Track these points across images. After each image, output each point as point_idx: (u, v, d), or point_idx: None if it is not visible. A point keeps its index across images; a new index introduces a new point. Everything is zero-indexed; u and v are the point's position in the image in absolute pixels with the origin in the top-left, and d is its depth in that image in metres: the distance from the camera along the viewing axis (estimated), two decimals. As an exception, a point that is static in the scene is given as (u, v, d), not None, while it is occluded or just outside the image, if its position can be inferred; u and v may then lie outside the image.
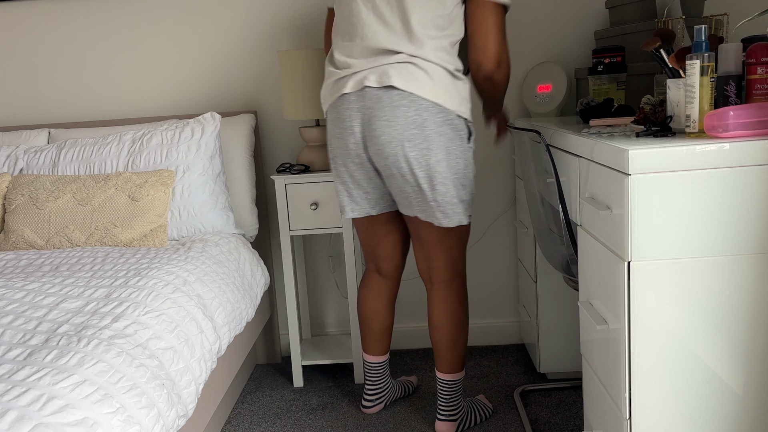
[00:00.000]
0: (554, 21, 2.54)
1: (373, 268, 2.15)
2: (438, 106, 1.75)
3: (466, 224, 1.91)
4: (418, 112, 1.74)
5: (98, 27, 2.64)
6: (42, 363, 1.29)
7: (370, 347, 2.19)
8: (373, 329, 2.17)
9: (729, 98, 1.34)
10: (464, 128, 1.82)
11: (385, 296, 2.16)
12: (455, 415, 2.06)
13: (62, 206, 2.20)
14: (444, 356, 2.02)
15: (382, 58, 1.77)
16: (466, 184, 1.84)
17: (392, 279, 2.15)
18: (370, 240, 2.09)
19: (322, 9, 2.58)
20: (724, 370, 1.28)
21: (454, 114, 1.78)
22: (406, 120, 1.74)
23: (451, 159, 1.79)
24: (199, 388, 1.62)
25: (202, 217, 2.28)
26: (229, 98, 2.66)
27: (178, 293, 1.75)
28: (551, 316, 2.29)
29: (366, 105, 1.78)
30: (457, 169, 1.81)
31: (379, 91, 1.75)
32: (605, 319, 1.42)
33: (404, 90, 1.73)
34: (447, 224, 1.83)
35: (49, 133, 2.59)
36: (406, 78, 1.73)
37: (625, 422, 1.33)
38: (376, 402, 2.22)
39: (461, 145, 1.81)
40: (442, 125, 1.76)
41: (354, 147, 1.83)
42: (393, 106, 1.74)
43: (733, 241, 1.24)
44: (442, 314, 1.99)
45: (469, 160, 1.85)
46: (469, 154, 1.85)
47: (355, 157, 1.85)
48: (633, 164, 1.21)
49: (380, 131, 1.76)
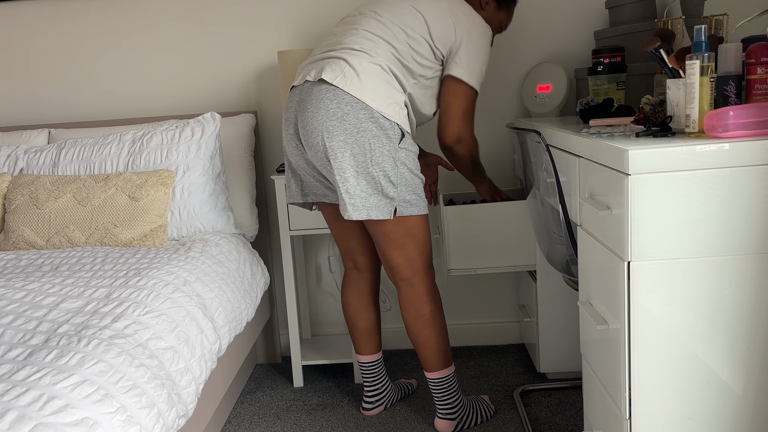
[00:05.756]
0: (554, 21, 2.54)
1: (351, 266, 2.17)
2: (361, 102, 1.79)
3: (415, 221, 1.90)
4: (340, 105, 1.79)
5: (98, 27, 2.64)
6: (42, 363, 1.29)
7: (360, 347, 2.20)
8: (360, 328, 2.18)
9: (729, 98, 1.34)
10: (393, 129, 1.82)
11: (365, 293, 2.18)
12: (453, 413, 2.06)
13: (62, 206, 2.20)
14: (421, 354, 2.03)
15: (333, 51, 1.87)
16: (397, 182, 1.84)
17: (370, 273, 2.17)
18: (341, 234, 2.11)
19: (322, 9, 2.58)
20: (723, 370, 1.28)
21: (380, 114, 1.80)
22: (327, 111, 1.79)
23: (372, 155, 1.79)
24: (199, 388, 1.62)
25: (202, 217, 2.28)
26: (229, 98, 2.66)
27: (178, 293, 1.75)
28: (551, 316, 2.29)
29: (301, 98, 1.87)
30: (382, 166, 1.80)
31: (313, 85, 1.84)
32: (605, 319, 1.42)
33: (331, 83, 1.81)
34: (356, 217, 1.81)
35: (49, 133, 2.59)
36: (335, 72, 1.81)
37: (625, 422, 1.33)
38: (377, 404, 2.22)
39: (388, 144, 1.81)
40: (366, 122, 1.79)
41: (292, 136, 1.92)
42: (318, 99, 1.81)
43: (733, 241, 1.24)
44: (407, 314, 2.00)
45: (402, 159, 1.84)
46: (402, 154, 1.84)
47: (294, 148, 1.93)
48: (633, 164, 1.21)
49: (306, 122, 1.84)
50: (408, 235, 1.92)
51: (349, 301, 2.18)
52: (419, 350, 2.02)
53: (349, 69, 1.81)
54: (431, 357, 2.01)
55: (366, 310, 2.18)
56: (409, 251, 1.94)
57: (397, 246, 1.93)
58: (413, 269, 1.96)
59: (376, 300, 2.21)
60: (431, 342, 2.00)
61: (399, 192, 1.85)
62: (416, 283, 1.97)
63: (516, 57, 2.58)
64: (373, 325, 2.19)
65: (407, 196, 1.87)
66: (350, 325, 2.20)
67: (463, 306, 2.76)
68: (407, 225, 1.91)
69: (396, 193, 1.84)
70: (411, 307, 1.99)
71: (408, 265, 1.96)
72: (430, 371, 2.03)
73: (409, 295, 1.98)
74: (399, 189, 1.85)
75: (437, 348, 2.01)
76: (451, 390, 2.05)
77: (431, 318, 1.99)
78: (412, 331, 2.01)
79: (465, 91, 1.93)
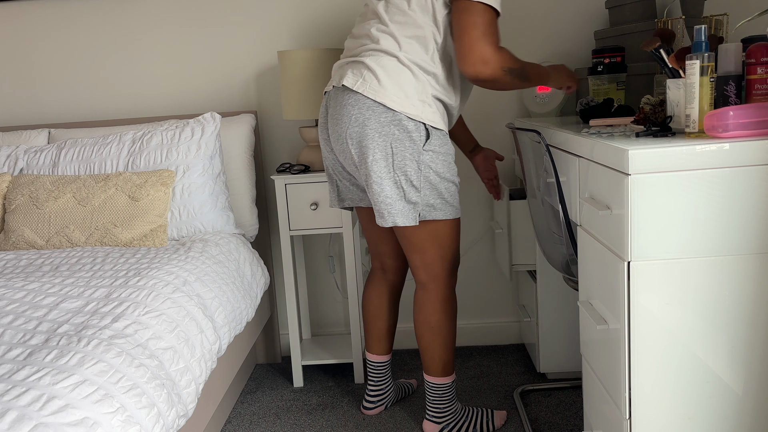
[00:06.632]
0: (554, 21, 2.54)
1: (378, 266, 2.16)
2: (382, 106, 1.76)
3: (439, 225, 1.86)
4: (361, 111, 1.77)
5: (98, 27, 2.64)
6: (42, 363, 1.29)
7: (373, 346, 2.20)
8: (377, 328, 2.18)
9: (729, 98, 1.34)
10: (418, 130, 1.78)
11: (387, 295, 2.17)
12: (441, 417, 2.03)
13: (62, 206, 2.20)
14: (423, 357, 2.02)
15: (353, 55, 1.85)
16: (420, 186, 1.80)
17: (395, 276, 2.16)
18: (374, 236, 2.11)
19: (321, 9, 2.58)
20: (723, 370, 1.28)
21: (403, 115, 1.76)
22: (349, 118, 1.79)
23: (394, 160, 1.77)
24: (199, 388, 1.62)
25: (202, 217, 2.28)
26: (229, 98, 2.66)
27: (178, 293, 1.75)
28: (551, 316, 2.29)
29: (329, 104, 1.87)
30: (405, 170, 1.77)
31: (337, 91, 1.84)
32: (605, 319, 1.42)
33: (351, 89, 1.79)
34: (382, 224, 1.82)
35: (49, 133, 2.59)
36: (356, 77, 1.79)
37: (625, 422, 1.33)
38: (378, 404, 2.22)
39: (411, 147, 1.77)
40: (387, 125, 1.76)
41: (326, 141, 1.93)
42: (341, 105, 1.81)
43: (733, 241, 1.24)
44: (416, 316, 1.99)
45: (427, 162, 1.79)
46: (427, 157, 1.79)
47: (329, 152, 1.94)
48: (633, 164, 1.21)
49: (332, 129, 1.85)
50: (429, 239, 1.89)
51: (371, 300, 2.18)
52: (421, 352, 2.02)
53: (368, 72, 1.78)
54: (431, 362, 2.00)
55: (385, 311, 2.17)
56: (428, 255, 1.91)
57: (416, 249, 1.91)
58: (430, 274, 1.94)
59: (396, 302, 2.20)
60: (433, 349, 1.98)
61: (422, 196, 1.81)
62: (431, 289, 1.95)
63: (516, 57, 2.58)
64: (389, 326, 2.19)
65: (431, 200, 1.82)
66: (367, 322, 2.20)
67: (463, 306, 2.76)
68: (429, 229, 1.88)
69: (419, 197, 1.81)
70: (420, 311, 1.98)
71: (425, 269, 1.93)
72: (428, 374, 2.02)
73: (422, 299, 1.97)
74: (422, 193, 1.81)
75: (439, 356, 1.99)
76: (445, 397, 2.03)
77: (438, 327, 1.97)
78: (417, 334, 2.00)
79: (481, 9, 1.68)
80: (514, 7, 2.55)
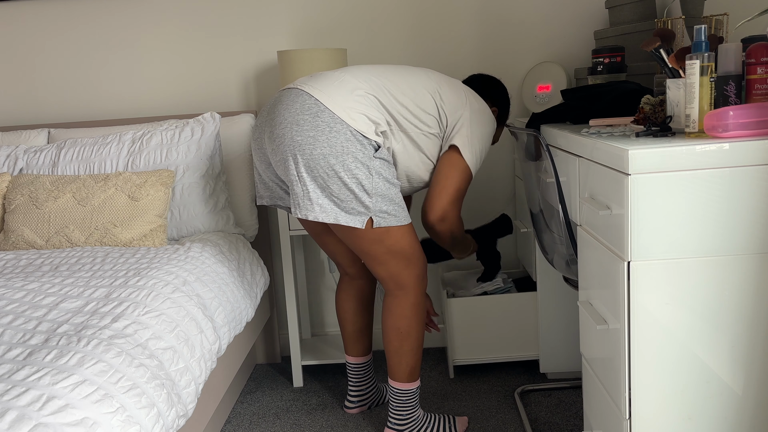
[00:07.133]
0: (554, 21, 2.54)
1: (343, 271, 2.17)
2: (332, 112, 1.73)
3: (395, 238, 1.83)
4: (311, 107, 1.74)
5: (98, 27, 2.64)
6: (42, 363, 1.29)
7: (349, 348, 2.21)
8: (348, 330, 2.19)
9: (729, 98, 1.34)
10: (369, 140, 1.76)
11: (355, 298, 2.18)
12: (402, 426, 2.00)
13: (62, 206, 2.20)
14: (389, 362, 1.98)
15: None
16: (372, 192, 1.75)
17: (361, 279, 2.16)
18: (324, 247, 2.10)
19: (321, 9, 2.58)
20: (723, 369, 1.28)
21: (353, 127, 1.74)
22: (302, 106, 1.74)
23: (345, 159, 1.71)
24: (198, 388, 1.62)
25: (202, 217, 2.28)
26: (229, 98, 2.66)
27: (178, 293, 1.75)
28: (551, 317, 2.29)
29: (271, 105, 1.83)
30: (355, 173, 1.72)
31: (282, 92, 1.82)
32: (605, 318, 1.42)
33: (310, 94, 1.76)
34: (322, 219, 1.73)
35: (49, 133, 2.58)
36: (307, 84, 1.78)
37: (625, 422, 1.33)
38: (358, 404, 2.24)
39: (363, 150, 1.73)
40: (339, 123, 1.72)
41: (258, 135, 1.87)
42: (291, 99, 1.77)
43: (733, 241, 1.24)
44: (386, 321, 1.95)
45: (378, 169, 1.76)
46: (376, 164, 1.75)
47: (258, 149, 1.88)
48: (633, 164, 1.21)
49: (275, 113, 1.78)
50: (388, 253, 1.85)
51: (341, 304, 2.20)
52: (388, 357, 1.98)
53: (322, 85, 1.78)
54: (397, 367, 1.96)
55: (354, 313, 2.18)
56: (391, 267, 1.88)
57: (379, 263, 1.87)
58: (397, 283, 1.91)
59: (367, 304, 2.20)
60: (401, 354, 1.95)
61: (374, 202, 1.76)
62: (400, 296, 1.92)
63: (516, 57, 2.58)
64: (360, 328, 2.19)
65: (384, 206, 1.78)
66: (340, 326, 2.22)
67: (462, 306, 2.76)
68: (386, 244, 1.83)
69: (372, 203, 1.76)
70: (389, 315, 1.94)
71: (392, 279, 1.91)
72: (394, 380, 1.98)
73: (392, 305, 1.94)
74: (374, 199, 1.76)
75: (406, 362, 1.95)
76: (408, 404, 1.99)
77: (407, 332, 1.94)
78: (385, 338, 1.97)
79: (464, 168, 1.88)
80: (515, 7, 2.55)
